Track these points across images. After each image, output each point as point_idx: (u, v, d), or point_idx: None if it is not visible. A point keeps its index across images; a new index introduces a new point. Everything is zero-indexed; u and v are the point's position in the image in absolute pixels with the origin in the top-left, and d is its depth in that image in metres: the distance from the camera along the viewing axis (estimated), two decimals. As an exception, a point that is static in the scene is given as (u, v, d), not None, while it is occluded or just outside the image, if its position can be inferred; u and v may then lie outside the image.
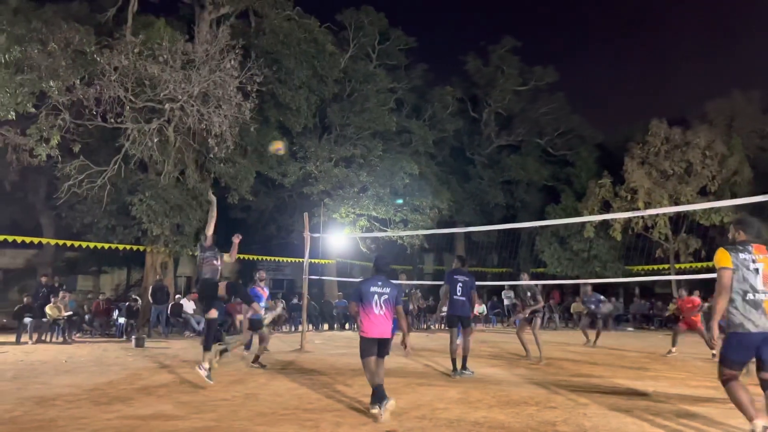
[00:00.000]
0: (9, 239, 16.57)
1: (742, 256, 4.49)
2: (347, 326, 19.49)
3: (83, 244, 17.87)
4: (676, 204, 21.36)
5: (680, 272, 22.78)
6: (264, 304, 9.84)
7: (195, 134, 16.42)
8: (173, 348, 12.43)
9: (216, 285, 7.44)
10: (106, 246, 17.41)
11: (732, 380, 4.43)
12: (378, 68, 24.41)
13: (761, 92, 27.81)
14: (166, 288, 16.68)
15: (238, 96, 15.67)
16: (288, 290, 27.84)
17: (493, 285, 24.99)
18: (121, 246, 17.38)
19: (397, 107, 25.09)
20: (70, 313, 14.31)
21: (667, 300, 21.97)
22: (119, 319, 15.60)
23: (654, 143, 23.67)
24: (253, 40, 18.86)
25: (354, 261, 25.42)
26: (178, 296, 17.33)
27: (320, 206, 21.17)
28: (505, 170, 28.97)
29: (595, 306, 14.83)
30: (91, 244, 17.51)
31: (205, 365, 7.05)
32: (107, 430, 5.07)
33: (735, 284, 4.45)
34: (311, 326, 17.79)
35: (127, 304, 16.10)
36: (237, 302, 17.72)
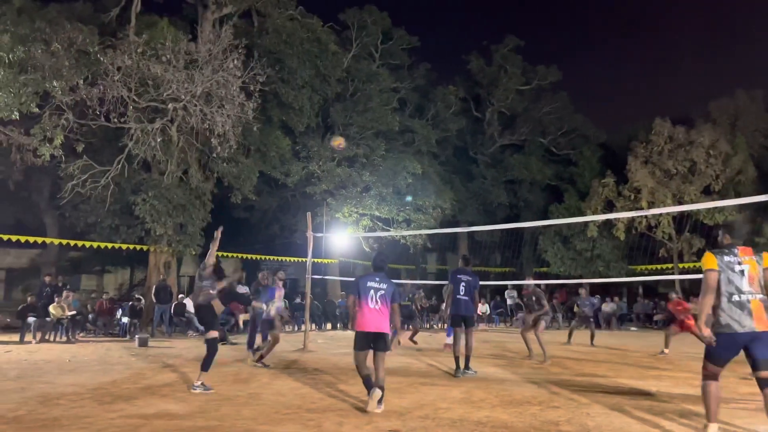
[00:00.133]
0: (13, 239, 16.62)
1: (727, 259, 4.65)
2: (350, 326, 19.45)
3: (87, 244, 17.91)
4: (680, 203, 21.31)
5: (684, 272, 22.71)
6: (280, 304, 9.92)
7: (198, 134, 16.45)
8: (176, 347, 12.44)
9: (211, 307, 7.40)
10: (110, 245, 17.45)
11: (711, 378, 4.61)
12: (381, 68, 24.40)
13: (765, 91, 27.76)
14: (170, 287, 16.72)
15: (241, 96, 15.69)
16: (291, 290, 27.84)
17: (497, 285, 24.96)
18: (125, 245, 17.41)
19: (400, 107, 25.08)
20: (74, 313, 14.35)
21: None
22: (123, 319, 15.64)
23: (657, 142, 23.62)
24: (256, 40, 18.87)
25: (357, 261, 25.42)
26: (181, 296, 17.35)
27: (323, 206, 21.19)
28: (508, 170, 28.93)
29: (588, 309, 14.91)
30: (95, 244, 17.55)
31: (198, 383, 7.00)
32: (111, 429, 5.08)
33: (721, 286, 4.59)
34: (314, 326, 17.81)
35: (131, 304, 16.13)
36: (239, 302, 17.83)
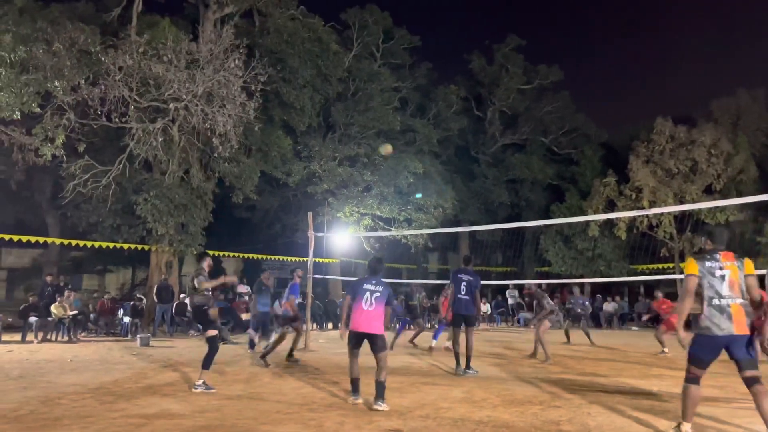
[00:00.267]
0: (15, 238, 16.65)
1: (709, 264, 4.78)
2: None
3: (88, 244, 17.94)
4: (681, 203, 21.29)
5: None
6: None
7: (199, 134, 16.46)
8: (178, 347, 12.46)
9: (207, 310, 7.42)
10: (111, 245, 17.48)
11: (693, 382, 4.75)
12: (382, 67, 24.40)
13: (767, 90, 27.69)
14: (171, 287, 16.72)
15: (243, 95, 15.70)
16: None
17: (498, 284, 24.95)
18: (126, 245, 17.43)
19: (402, 106, 25.06)
20: (76, 312, 14.37)
21: (674, 299, 21.85)
22: (124, 318, 15.65)
23: (659, 142, 23.58)
24: (258, 40, 18.87)
25: (358, 260, 25.42)
26: (183, 295, 17.37)
27: (324, 205, 21.19)
28: (510, 169, 28.91)
29: (581, 308, 14.91)
30: (96, 244, 17.57)
31: (199, 382, 7.02)
32: (112, 429, 5.08)
33: (703, 290, 4.73)
34: (315, 325, 17.81)
35: (132, 303, 16.15)
36: (241, 301, 17.84)
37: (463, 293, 8.75)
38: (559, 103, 29.44)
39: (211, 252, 19.98)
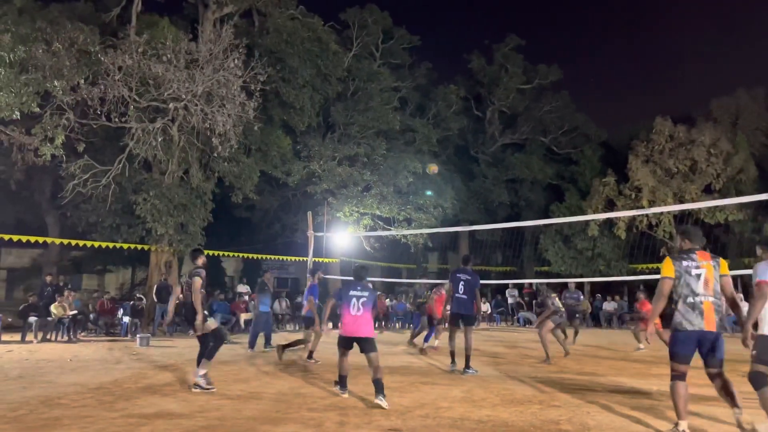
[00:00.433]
0: (14, 238, 16.63)
1: (685, 264, 5.04)
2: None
3: (88, 243, 17.93)
4: (681, 202, 21.28)
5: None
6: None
7: (199, 133, 16.45)
8: (178, 347, 12.46)
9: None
10: (111, 245, 17.46)
11: (679, 378, 4.86)
12: (382, 67, 24.38)
13: (766, 90, 27.64)
14: (171, 287, 16.69)
15: (242, 95, 15.69)
16: (292, 289, 27.89)
17: (498, 284, 24.96)
18: (126, 245, 17.42)
19: (401, 106, 25.05)
20: (75, 312, 14.37)
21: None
22: (124, 318, 15.64)
23: (658, 141, 23.58)
24: (257, 39, 18.86)
25: (358, 260, 25.37)
26: (181, 296, 17.36)
27: (324, 205, 21.18)
28: (510, 169, 28.88)
29: (575, 302, 14.88)
30: (96, 243, 17.56)
31: (201, 372, 7.03)
32: (112, 429, 5.09)
33: (679, 289, 4.97)
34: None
35: (132, 303, 16.15)
36: (241, 301, 17.85)
37: (461, 293, 8.80)
38: (559, 103, 29.41)
39: (211, 252, 20.07)
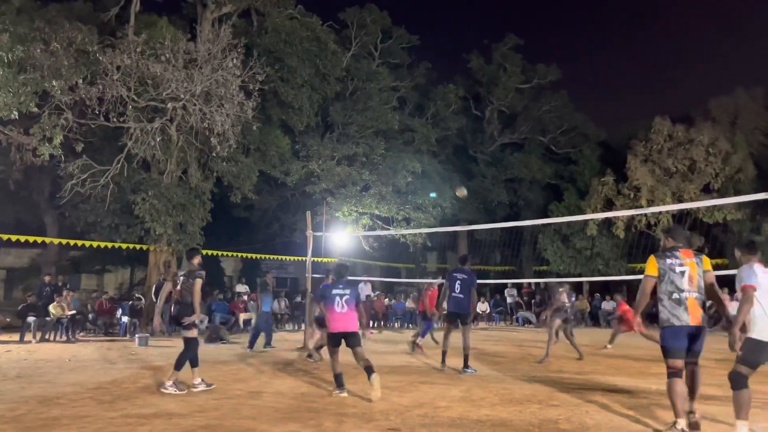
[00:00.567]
0: (13, 238, 16.62)
1: (669, 261, 5.17)
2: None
3: (87, 243, 17.91)
4: (680, 201, 21.28)
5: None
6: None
7: (197, 133, 16.44)
8: (177, 347, 12.37)
9: (191, 306, 7.47)
10: (110, 245, 17.45)
11: (675, 375, 4.97)
12: (381, 67, 24.37)
13: (765, 89, 27.60)
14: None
15: (241, 95, 15.67)
16: (291, 288, 27.88)
17: (496, 283, 24.96)
18: (125, 245, 17.40)
19: (400, 105, 25.04)
20: (74, 312, 14.37)
21: None
22: (123, 318, 15.63)
23: (657, 141, 23.58)
24: (256, 39, 18.85)
25: (357, 259, 25.41)
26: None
27: (323, 205, 21.18)
28: (508, 168, 28.87)
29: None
30: (95, 243, 17.55)
31: (198, 380, 7.04)
32: (110, 429, 5.08)
33: (663, 286, 5.13)
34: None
35: (131, 303, 16.12)
36: (240, 301, 17.85)
37: (458, 291, 8.92)
38: (558, 103, 29.39)
39: (210, 251, 20.08)
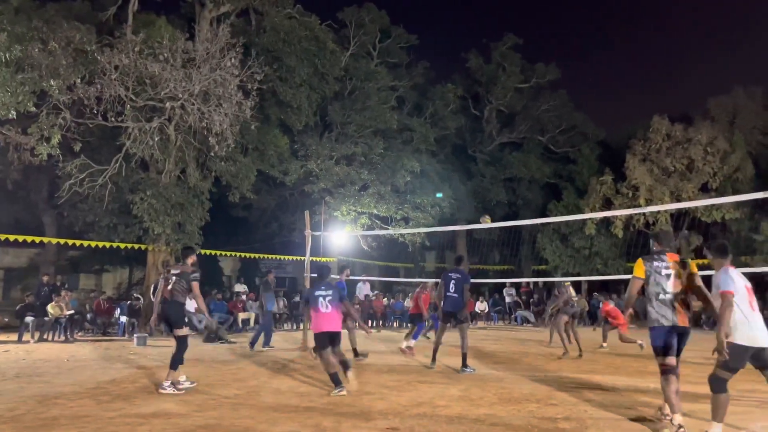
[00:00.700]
0: (11, 238, 16.57)
1: (656, 264, 5.39)
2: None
3: (85, 243, 17.88)
4: (678, 201, 21.31)
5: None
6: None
7: (196, 133, 16.41)
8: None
9: (181, 305, 7.47)
10: (108, 245, 17.42)
11: (668, 372, 5.15)
12: (379, 66, 24.36)
13: (763, 88, 27.63)
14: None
15: (239, 94, 15.65)
16: (290, 288, 27.87)
17: (495, 282, 24.98)
18: (123, 245, 17.38)
19: (399, 105, 25.02)
20: (72, 312, 14.34)
21: None
22: (121, 318, 15.61)
23: (656, 140, 23.60)
24: (254, 38, 18.82)
25: (355, 259, 25.42)
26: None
27: (321, 204, 21.17)
28: (507, 168, 28.87)
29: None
30: (93, 243, 17.52)
31: (167, 383, 6.96)
32: (109, 428, 5.08)
33: (651, 288, 5.32)
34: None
35: (129, 303, 16.10)
36: (239, 301, 17.83)
37: (452, 291, 9.06)
38: (557, 102, 29.38)
39: (208, 251, 20.07)
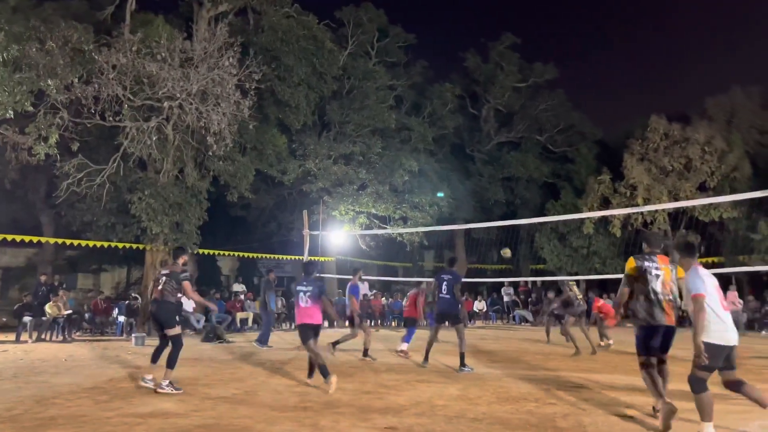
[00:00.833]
0: (9, 238, 16.54)
1: (648, 264, 5.54)
2: (347, 323, 19.53)
3: (83, 243, 17.85)
4: (676, 200, 21.31)
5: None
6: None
7: (194, 132, 16.38)
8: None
9: (172, 306, 7.48)
10: (106, 244, 17.40)
11: (646, 367, 5.47)
12: (377, 65, 24.33)
13: (761, 88, 27.62)
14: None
15: (237, 94, 15.63)
16: (288, 287, 27.84)
17: (493, 282, 24.99)
18: (121, 244, 17.35)
19: (397, 104, 25.00)
20: (70, 312, 14.33)
21: None
22: (119, 318, 15.61)
23: (653, 139, 23.61)
24: (252, 38, 18.80)
25: (354, 258, 25.42)
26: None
27: (320, 204, 21.16)
28: (505, 167, 28.86)
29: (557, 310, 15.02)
30: (91, 243, 17.49)
31: (165, 383, 6.92)
32: (107, 428, 5.08)
33: (640, 286, 5.49)
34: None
35: (127, 303, 16.10)
36: (237, 300, 17.83)
37: (445, 293, 9.19)
38: (554, 101, 29.34)
39: (207, 251, 20.06)
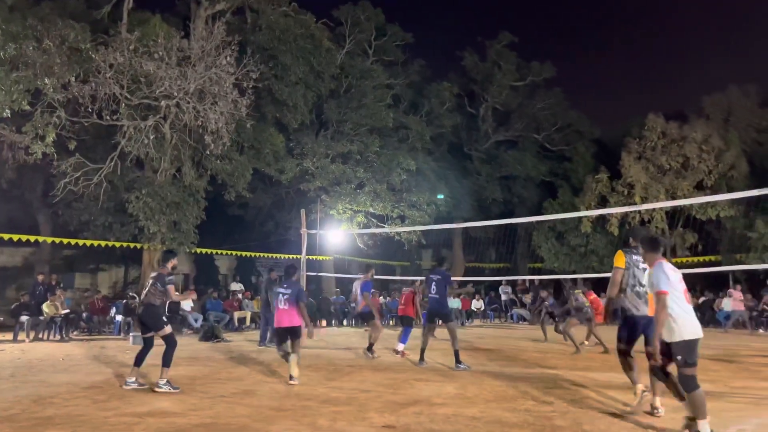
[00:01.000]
0: (6, 237, 16.51)
1: (635, 258, 5.75)
2: (345, 322, 19.62)
3: (80, 242, 17.83)
4: (673, 198, 21.35)
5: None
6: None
7: (191, 131, 16.37)
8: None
9: (156, 308, 7.50)
10: (104, 243, 17.38)
11: (623, 355, 5.81)
12: (375, 64, 24.31)
13: (758, 86, 27.68)
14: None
15: (234, 92, 15.62)
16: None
17: (491, 280, 25.01)
18: (118, 243, 17.34)
19: (394, 103, 24.97)
20: (68, 311, 14.31)
21: None
22: (117, 317, 15.57)
23: (651, 138, 23.64)
24: (249, 37, 18.78)
25: (352, 257, 25.41)
26: (177, 293, 17.27)
27: (317, 203, 21.14)
28: (503, 166, 28.88)
29: (550, 302, 15.06)
30: (88, 242, 17.47)
31: (162, 381, 6.96)
32: (105, 428, 5.07)
33: (628, 279, 5.69)
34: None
35: (125, 302, 16.06)
36: (235, 299, 17.82)
37: (434, 292, 9.27)
38: (552, 100, 29.36)
39: (204, 250, 20.04)
